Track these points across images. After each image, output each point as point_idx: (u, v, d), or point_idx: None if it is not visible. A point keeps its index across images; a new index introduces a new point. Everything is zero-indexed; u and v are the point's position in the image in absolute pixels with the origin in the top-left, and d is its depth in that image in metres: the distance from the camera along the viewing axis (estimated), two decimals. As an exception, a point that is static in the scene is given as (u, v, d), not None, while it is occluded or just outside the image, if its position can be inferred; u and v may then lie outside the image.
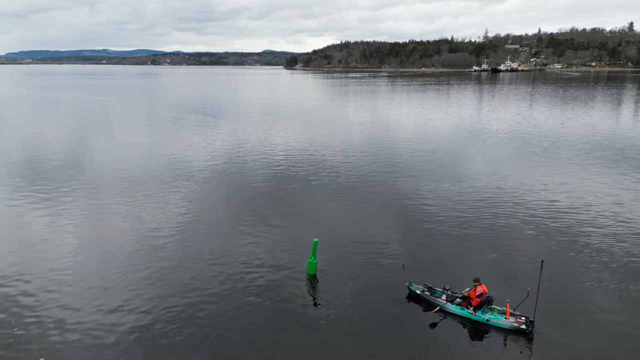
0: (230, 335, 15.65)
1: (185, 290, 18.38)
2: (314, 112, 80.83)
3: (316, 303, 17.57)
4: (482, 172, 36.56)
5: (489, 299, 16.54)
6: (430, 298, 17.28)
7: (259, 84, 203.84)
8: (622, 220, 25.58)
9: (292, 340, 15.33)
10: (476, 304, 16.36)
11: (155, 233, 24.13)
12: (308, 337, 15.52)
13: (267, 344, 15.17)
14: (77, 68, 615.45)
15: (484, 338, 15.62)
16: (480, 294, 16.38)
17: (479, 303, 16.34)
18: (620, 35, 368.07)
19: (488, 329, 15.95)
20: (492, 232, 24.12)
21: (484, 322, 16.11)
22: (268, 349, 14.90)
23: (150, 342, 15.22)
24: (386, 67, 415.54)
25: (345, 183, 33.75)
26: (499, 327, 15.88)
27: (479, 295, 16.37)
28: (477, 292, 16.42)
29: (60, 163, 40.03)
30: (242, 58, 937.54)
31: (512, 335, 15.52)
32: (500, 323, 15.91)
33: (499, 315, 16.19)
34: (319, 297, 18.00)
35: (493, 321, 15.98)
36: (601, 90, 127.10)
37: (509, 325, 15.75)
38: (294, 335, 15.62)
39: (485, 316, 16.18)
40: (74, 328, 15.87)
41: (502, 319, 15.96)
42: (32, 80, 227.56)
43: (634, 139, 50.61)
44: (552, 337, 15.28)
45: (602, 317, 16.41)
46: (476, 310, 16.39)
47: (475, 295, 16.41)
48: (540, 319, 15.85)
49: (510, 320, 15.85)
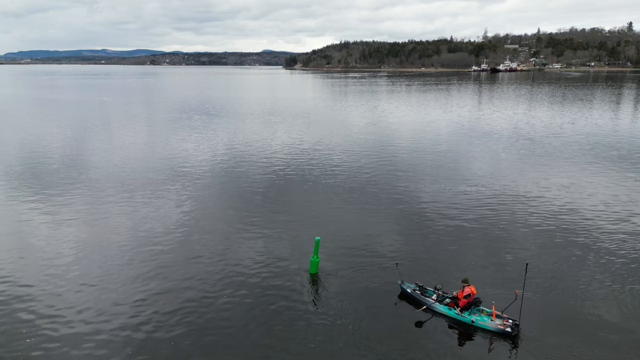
0: (231, 332, 15.84)
1: (186, 288, 18.61)
2: (314, 112, 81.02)
3: (318, 301, 17.84)
4: (481, 172, 36.77)
5: (477, 300, 16.69)
6: (419, 297, 17.53)
7: (258, 84, 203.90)
8: (613, 220, 25.75)
9: (294, 338, 15.53)
10: (463, 305, 16.55)
11: (156, 232, 24.41)
12: (309, 335, 15.71)
13: (269, 341, 15.36)
14: (77, 68, 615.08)
15: (469, 339, 15.76)
16: (467, 294, 16.55)
17: (466, 304, 16.52)
18: (619, 35, 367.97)
19: (474, 331, 16.06)
20: (490, 233, 24.30)
21: (469, 323, 16.26)
22: (271, 347, 15.09)
23: (150, 340, 15.42)
24: (385, 67, 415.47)
25: (347, 182, 34.05)
26: (485, 328, 15.96)
27: (466, 296, 16.55)
28: (465, 292, 16.58)
29: (61, 163, 40.22)
30: (241, 58, 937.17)
31: (497, 338, 15.53)
32: (485, 325, 16.00)
33: (485, 317, 16.28)
34: (321, 295, 18.27)
35: (479, 323, 16.09)
36: (604, 90, 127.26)
37: (495, 328, 15.79)
38: (296, 333, 15.83)
39: (471, 317, 16.31)
40: (74, 328, 16.06)
41: (488, 321, 16.04)
42: (32, 81, 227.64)
43: (634, 139, 50.92)
44: (538, 340, 15.29)
45: (590, 321, 16.40)
46: (463, 311, 16.55)
47: (463, 296, 16.59)
48: (527, 322, 15.89)
49: (495, 322, 15.91)
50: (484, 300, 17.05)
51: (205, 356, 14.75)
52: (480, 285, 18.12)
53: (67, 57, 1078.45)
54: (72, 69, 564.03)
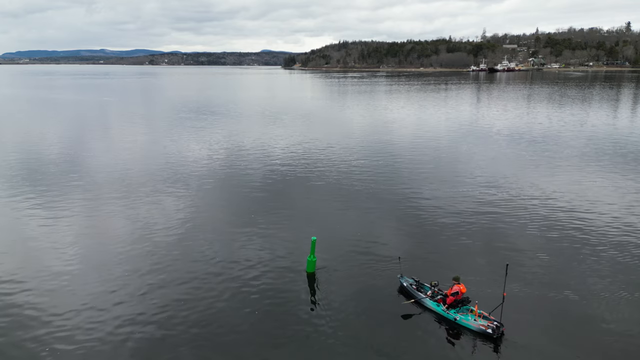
0: (228, 332, 15.94)
1: (184, 288, 18.78)
2: (313, 112, 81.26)
3: (314, 300, 18.05)
4: (481, 172, 36.86)
5: (465, 299, 16.86)
6: (413, 291, 17.94)
7: (258, 84, 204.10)
8: (613, 220, 25.82)
9: (291, 338, 15.66)
10: (450, 302, 16.79)
11: (154, 233, 24.60)
12: (306, 334, 15.85)
13: (266, 341, 15.47)
14: (75, 68, 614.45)
15: (451, 337, 15.91)
16: (455, 292, 16.74)
17: (453, 301, 16.76)
18: (617, 35, 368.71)
19: (457, 329, 16.22)
20: (489, 233, 24.37)
21: (452, 320, 16.47)
22: (267, 347, 15.20)
23: (149, 340, 15.56)
24: (384, 67, 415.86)
25: (344, 182, 34.27)
26: (467, 327, 16.08)
27: (453, 294, 16.75)
28: (453, 290, 16.81)
29: (61, 163, 40.39)
30: (240, 58, 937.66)
31: (479, 338, 15.58)
32: (468, 324, 16.10)
33: (469, 317, 16.34)
34: (318, 294, 18.48)
35: (462, 321, 16.23)
36: (604, 90, 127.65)
37: (476, 328, 15.84)
38: (292, 332, 15.95)
39: (455, 315, 16.49)
40: (74, 328, 16.21)
41: (471, 320, 16.08)
42: (31, 81, 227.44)
43: (634, 139, 51.13)
44: (520, 344, 15.17)
45: (580, 328, 16.23)
46: (450, 309, 16.77)
47: (450, 294, 16.84)
48: (515, 325, 15.80)
49: (478, 322, 15.93)
50: (478, 300, 16.93)
51: (203, 356, 14.86)
52: (474, 285, 18.33)
53: (65, 57, 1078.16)
54: (70, 69, 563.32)
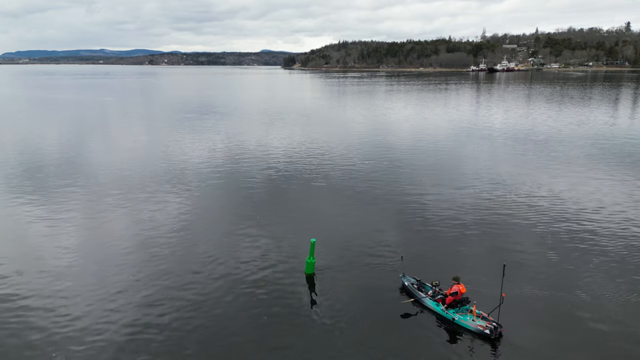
0: (227, 334, 15.97)
1: (183, 290, 18.83)
2: (313, 113, 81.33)
3: (313, 302, 18.11)
4: (484, 172, 36.91)
5: (464, 299, 16.93)
6: (413, 290, 18.04)
7: (258, 84, 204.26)
8: (613, 221, 25.86)
9: (290, 339, 15.71)
10: (449, 302, 16.88)
11: (154, 233, 24.68)
12: (305, 335, 15.91)
13: (265, 343, 15.51)
14: (75, 68, 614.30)
15: (450, 337, 15.99)
16: (454, 292, 16.82)
17: (452, 301, 16.84)
18: (617, 35, 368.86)
19: (455, 329, 16.30)
20: (489, 233, 24.43)
21: (450, 320, 16.57)
22: (265, 348, 15.25)
23: (148, 340, 15.65)
24: (384, 67, 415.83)
25: (345, 182, 34.36)
26: (466, 328, 16.16)
27: (452, 294, 16.84)
28: (452, 290, 16.89)
29: (61, 163, 40.46)
30: (240, 58, 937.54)
31: (477, 339, 15.64)
32: (466, 324, 16.16)
33: (468, 317, 16.43)
34: (317, 296, 18.55)
35: (460, 321, 16.30)
36: (608, 90, 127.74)
37: (474, 328, 15.91)
38: (291, 334, 16.01)
39: (454, 315, 16.58)
40: (79, 329, 16.28)
41: (469, 321, 16.12)
42: (30, 81, 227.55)
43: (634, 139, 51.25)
44: (518, 346, 15.19)
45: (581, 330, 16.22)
46: (449, 309, 16.85)
47: (450, 293, 16.94)
48: (510, 325, 15.81)
49: (476, 322, 15.97)
50: (478, 301, 16.95)
51: (201, 357, 14.94)
52: (474, 285, 18.41)
53: (65, 57, 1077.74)
54: (70, 69, 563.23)
